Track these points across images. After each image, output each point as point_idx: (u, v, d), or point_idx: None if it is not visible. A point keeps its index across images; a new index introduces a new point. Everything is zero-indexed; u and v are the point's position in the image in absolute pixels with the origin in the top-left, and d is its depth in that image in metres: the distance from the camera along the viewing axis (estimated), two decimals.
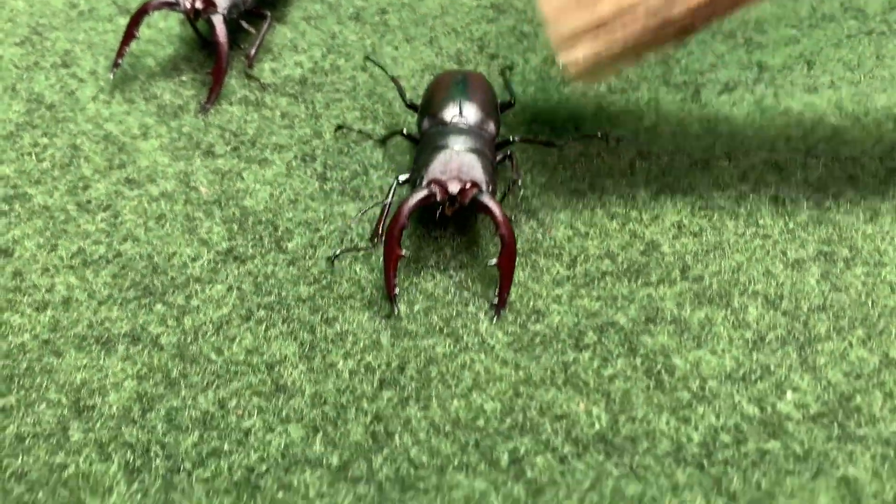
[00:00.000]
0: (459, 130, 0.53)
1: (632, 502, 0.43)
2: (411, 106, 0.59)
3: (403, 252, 0.50)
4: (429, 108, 0.56)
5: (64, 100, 0.64)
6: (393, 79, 0.62)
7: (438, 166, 0.51)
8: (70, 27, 0.70)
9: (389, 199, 0.53)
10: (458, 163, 0.51)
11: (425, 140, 0.54)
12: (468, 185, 0.50)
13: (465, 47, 0.66)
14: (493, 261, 0.50)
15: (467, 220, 0.55)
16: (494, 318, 0.50)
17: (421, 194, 0.50)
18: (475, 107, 0.56)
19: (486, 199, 0.50)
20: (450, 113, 0.55)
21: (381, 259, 0.50)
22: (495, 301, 0.50)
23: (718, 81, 0.63)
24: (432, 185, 0.50)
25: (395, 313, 0.50)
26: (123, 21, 0.69)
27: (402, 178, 0.53)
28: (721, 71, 0.63)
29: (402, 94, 0.60)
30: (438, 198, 0.50)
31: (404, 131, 0.57)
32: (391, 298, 0.50)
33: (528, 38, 0.66)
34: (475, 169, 0.51)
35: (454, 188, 0.50)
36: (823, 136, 0.58)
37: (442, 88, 0.58)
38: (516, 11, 0.68)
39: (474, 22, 0.68)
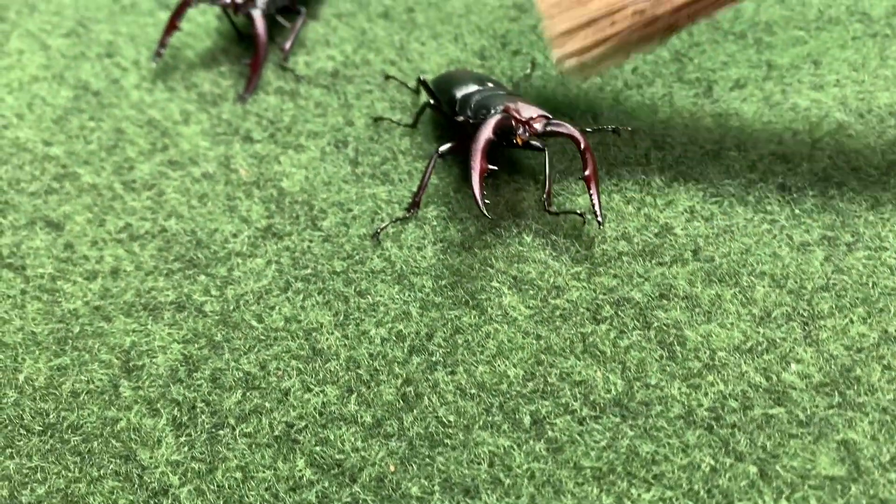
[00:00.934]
0: (501, 91, 0.59)
1: (645, 460, 0.46)
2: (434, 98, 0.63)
3: (490, 166, 0.53)
4: (457, 84, 0.60)
5: (109, 87, 0.68)
6: (419, 86, 0.65)
7: (505, 101, 0.55)
8: (113, 20, 0.73)
9: (430, 171, 0.57)
10: (519, 102, 0.55)
11: (472, 101, 0.57)
12: (538, 115, 0.54)
13: (489, 44, 0.70)
14: (585, 172, 0.54)
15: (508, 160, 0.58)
16: (599, 227, 0.55)
17: (499, 116, 0.53)
18: (499, 82, 0.62)
19: (560, 123, 0.54)
20: (483, 83, 0.60)
21: (470, 174, 0.52)
22: (596, 211, 0.54)
23: (729, 79, 0.66)
24: (507, 112, 0.54)
25: (490, 217, 0.53)
26: (163, 15, 0.73)
27: (443, 149, 0.57)
28: (732, 69, 0.67)
29: (430, 93, 0.63)
30: (514, 122, 0.53)
31: (430, 101, 0.61)
32: (482, 206, 0.51)
33: None
34: (535, 106, 0.55)
35: (528, 114, 0.54)
36: (829, 131, 0.62)
37: (462, 74, 0.63)
38: (537, 11, 0.72)
39: (497, 20, 0.71)
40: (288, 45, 0.69)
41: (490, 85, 0.61)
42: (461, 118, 0.57)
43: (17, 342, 0.52)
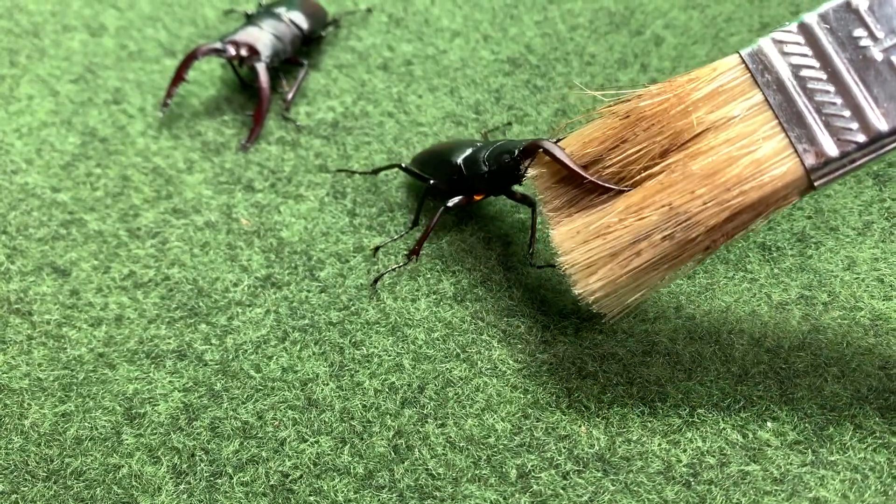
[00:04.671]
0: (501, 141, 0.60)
1: None
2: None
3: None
4: (450, 153, 0.62)
5: (115, 134, 0.70)
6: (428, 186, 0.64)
7: (518, 143, 0.56)
8: (120, 67, 0.76)
9: (434, 222, 0.58)
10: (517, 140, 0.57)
11: (481, 157, 0.59)
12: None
13: (483, 98, 0.72)
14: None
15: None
16: None
17: (524, 143, 0.55)
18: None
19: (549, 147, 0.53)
20: (473, 143, 0.62)
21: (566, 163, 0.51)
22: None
23: None
24: (528, 147, 0.54)
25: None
26: (169, 62, 0.76)
27: (451, 203, 0.59)
28: None
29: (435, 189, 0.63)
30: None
31: (431, 182, 0.62)
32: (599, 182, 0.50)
33: (541, 91, 0.73)
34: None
35: (530, 146, 0.54)
36: None
37: (445, 144, 0.65)
38: (530, 66, 0.75)
39: (492, 75, 0.74)
40: (290, 95, 0.72)
41: (479, 143, 0.62)
42: (481, 173, 0.58)
43: (24, 388, 0.54)
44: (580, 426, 0.52)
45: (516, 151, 0.56)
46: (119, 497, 0.49)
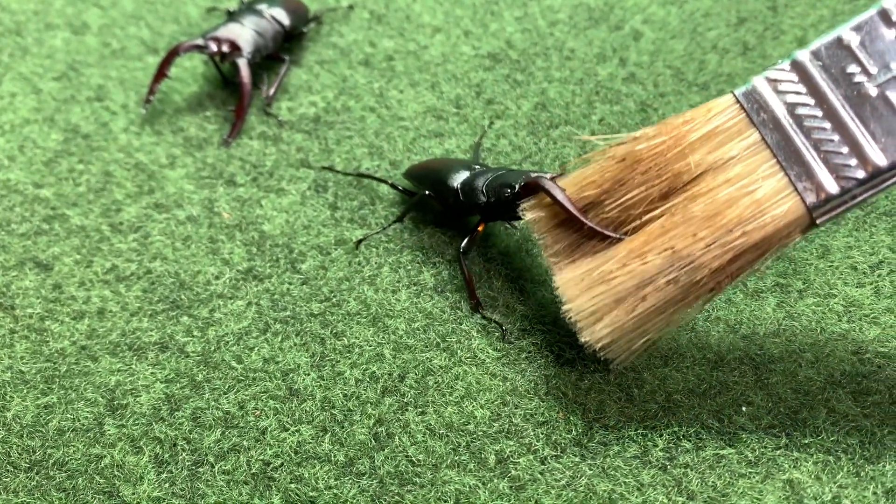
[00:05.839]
0: (503, 170, 0.59)
1: (602, 498, 0.49)
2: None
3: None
4: (446, 173, 0.61)
5: (98, 130, 0.71)
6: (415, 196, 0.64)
7: (521, 175, 0.55)
8: (103, 64, 0.76)
9: (467, 272, 0.58)
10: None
11: (478, 184, 0.58)
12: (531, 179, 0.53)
13: (464, 92, 0.73)
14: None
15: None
16: None
17: (537, 179, 0.53)
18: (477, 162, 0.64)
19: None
20: (470, 167, 0.61)
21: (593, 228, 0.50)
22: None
23: None
24: (528, 185, 0.53)
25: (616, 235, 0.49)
26: (152, 60, 0.76)
27: (464, 246, 0.58)
28: None
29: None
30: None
31: (426, 192, 0.61)
32: (603, 230, 0.49)
33: (520, 86, 0.73)
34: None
35: (530, 184, 0.53)
36: None
37: (447, 162, 0.64)
38: (510, 61, 0.75)
39: (472, 70, 0.75)
40: (272, 91, 0.72)
41: (477, 167, 0.61)
42: (478, 202, 0.57)
43: (6, 381, 0.54)
44: (558, 412, 0.52)
45: (517, 187, 0.55)
46: (101, 487, 0.50)
